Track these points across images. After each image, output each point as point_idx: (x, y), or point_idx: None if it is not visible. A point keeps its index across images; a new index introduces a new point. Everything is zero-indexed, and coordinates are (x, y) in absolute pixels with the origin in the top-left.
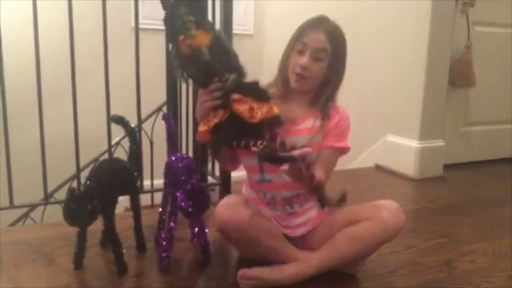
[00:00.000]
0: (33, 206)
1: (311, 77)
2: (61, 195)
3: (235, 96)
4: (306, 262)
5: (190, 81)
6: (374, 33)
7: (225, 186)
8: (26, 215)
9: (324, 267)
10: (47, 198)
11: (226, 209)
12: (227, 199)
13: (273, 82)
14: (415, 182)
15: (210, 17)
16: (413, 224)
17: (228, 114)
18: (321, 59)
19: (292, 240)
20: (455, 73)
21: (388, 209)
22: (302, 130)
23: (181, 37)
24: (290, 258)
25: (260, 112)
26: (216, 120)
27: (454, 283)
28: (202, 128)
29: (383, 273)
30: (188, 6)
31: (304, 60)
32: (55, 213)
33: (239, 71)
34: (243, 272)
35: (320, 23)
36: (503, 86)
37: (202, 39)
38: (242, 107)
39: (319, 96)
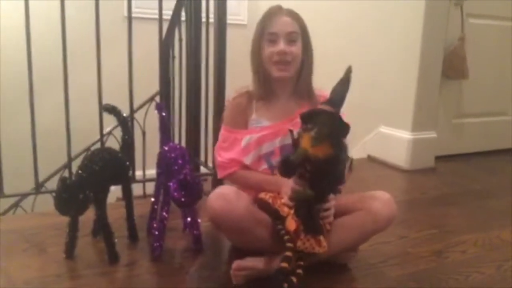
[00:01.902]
0: (23, 196)
1: (294, 61)
2: (52, 184)
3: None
4: None
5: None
6: (368, 25)
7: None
8: (16, 205)
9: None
10: (38, 188)
11: (218, 200)
12: (220, 190)
13: (254, 86)
14: (407, 173)
15: (203, 7)
16: (404, 215)
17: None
18: (295, 41)
19: None
20: (449, 65)
21: (379, 200)
22: (298, 124)
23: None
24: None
25: (301, 243)
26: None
27: (445, 273)
28: (262, 195)
29: (375, 263)
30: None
31: (279, 46)
32: (46, 202)
33: (318, 196)
34: (237, 263)
35: (279, 9)
36: (496, 78)
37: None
38: (290, 225)
39: (300, 82)
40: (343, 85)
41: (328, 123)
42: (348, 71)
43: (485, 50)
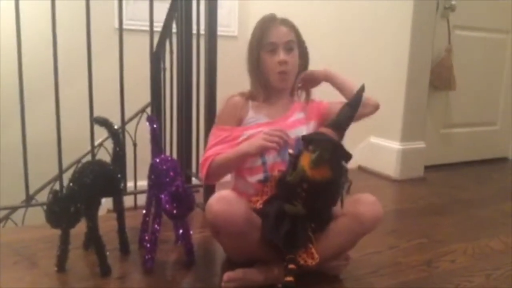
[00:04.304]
0: (14, 209)
1: (292, 69)
2: (43, 197)
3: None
4: None
5: None
6: (357, 37)
7: (209, 188)
8: (6, 218)
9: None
10: (29, 200)
11: (219, 202)
12: (220, 193)
13: (253, 91)
14: (397, 183)
15: (194, 19)
16: (395, 225)
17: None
18: (293, 49)
19: None
20: (436, 76)
21: (364, 202)
22: (296, 121)
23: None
24: (275, 256)
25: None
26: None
27: (435, 282)
28: (253, 202)
29: (366, 273)
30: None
31: (280, 56)
32: (37, 215)
33: (310, 215)
34: (227, 275)
35: (275, 19)
36: (482, 89)
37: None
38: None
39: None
40: (352, 106)
41: (329, 150)
42: (360, 91)
43: (472, 61)
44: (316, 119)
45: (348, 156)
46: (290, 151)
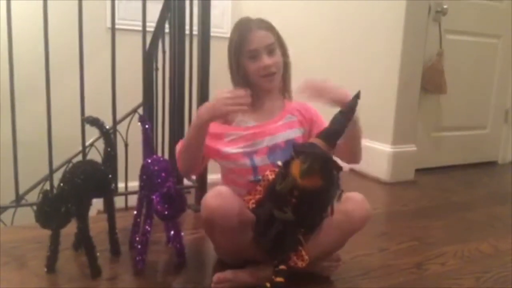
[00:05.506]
0: (3, 208)
1: (278, 70)
2: (33, 197)
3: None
4: None
5: None
6: (349, 40)
7: (202, 189)
8: None
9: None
10: (19, 200)
11: (215, 198)
12: (215, 189)
13: None
14: (388, 186)
15: (187, 19)
16: (385, 227)
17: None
18: (275, 49)
19: None
20: (427, 80)
21: (352, 201)
22: (286, 124)
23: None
24: (266, 257)
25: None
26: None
27: (425, 285)
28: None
29: (356, 275)
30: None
31: (263, 61)
32: (26, 215)
33: (299, 222)
34: (217, 276)
35: (251, 23)
36: (473, 93)
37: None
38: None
39: (285, 82)
40: (345, 114)
41: (319, 161)
42: (356, 97)
43: (463, 65)
44: (307, 125)
45: (338, 169)
46: (279, 162)
